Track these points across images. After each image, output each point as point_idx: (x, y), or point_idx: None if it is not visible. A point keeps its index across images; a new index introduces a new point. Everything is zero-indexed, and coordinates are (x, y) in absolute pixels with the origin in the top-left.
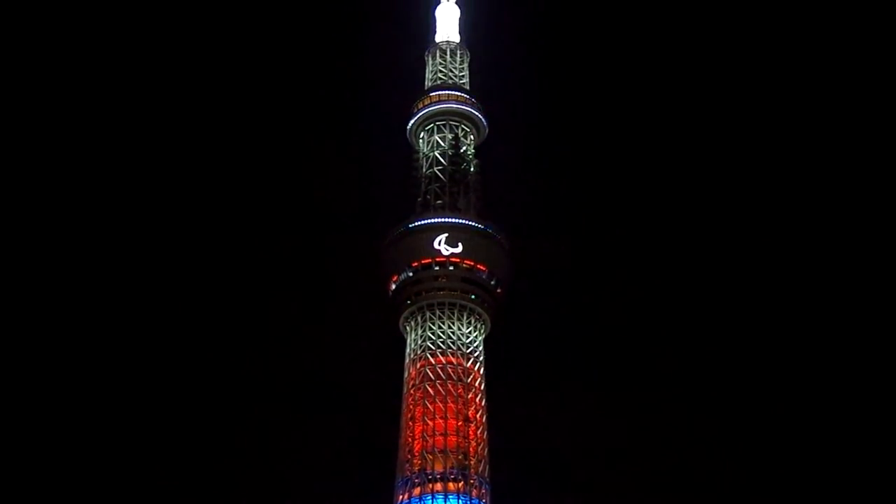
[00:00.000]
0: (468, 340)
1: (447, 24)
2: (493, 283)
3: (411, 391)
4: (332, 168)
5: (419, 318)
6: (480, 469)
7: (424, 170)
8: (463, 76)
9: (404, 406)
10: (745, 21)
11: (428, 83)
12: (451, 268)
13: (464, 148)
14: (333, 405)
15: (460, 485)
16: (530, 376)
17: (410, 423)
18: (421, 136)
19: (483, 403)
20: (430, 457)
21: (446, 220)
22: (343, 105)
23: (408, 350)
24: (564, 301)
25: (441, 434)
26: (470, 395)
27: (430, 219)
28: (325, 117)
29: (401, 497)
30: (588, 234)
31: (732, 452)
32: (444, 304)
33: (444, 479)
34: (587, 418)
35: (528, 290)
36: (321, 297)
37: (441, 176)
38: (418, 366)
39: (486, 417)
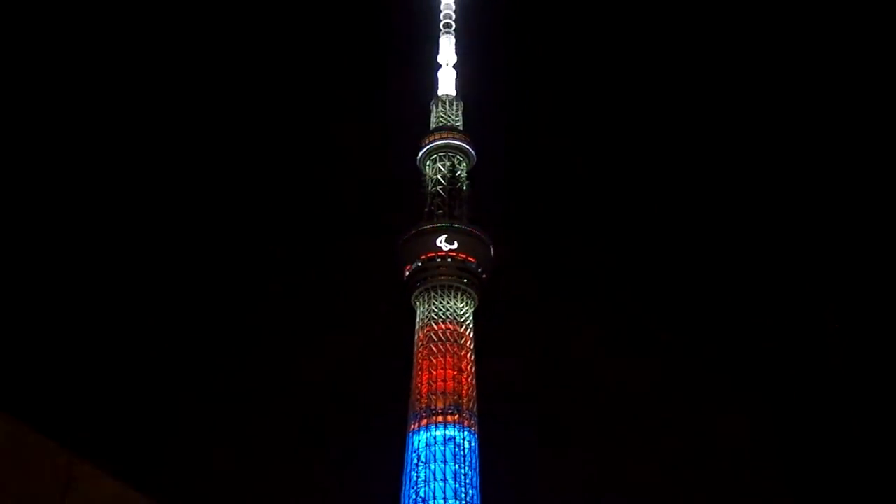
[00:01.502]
0: (461, 312)
1: (447, 82)
2: (479, 270)
3: (420, 350)
4: (364, 188)
5: (426, 297)
6: (471, 406)
7: (429, 188)
8: (458, 120)
9: (415, 361)
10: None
11: (432, 125)
12: (449, 260)
13: (459, 172)
14: (363, 361)
15: (456, 417)
16: (508, 339)
17: (419, 373)
18: (427, 163)
19: (472, 358)
20: (434, 397)
21: (446, 225)
22: (371, 141)
23: (417, 320)
24: (533, 285)
25: (442, 381)
26: (463, 353)
27: (434, 224)
28: (357, 149)
29: (412, 426)
30: (554, 235)
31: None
32: (444, 286)
33: (444, 413)
34: (554, 370)
35: (506, 276)
36: (352, 285)
37: (442, 193)
38: (425, 331)
39: (475, 368)
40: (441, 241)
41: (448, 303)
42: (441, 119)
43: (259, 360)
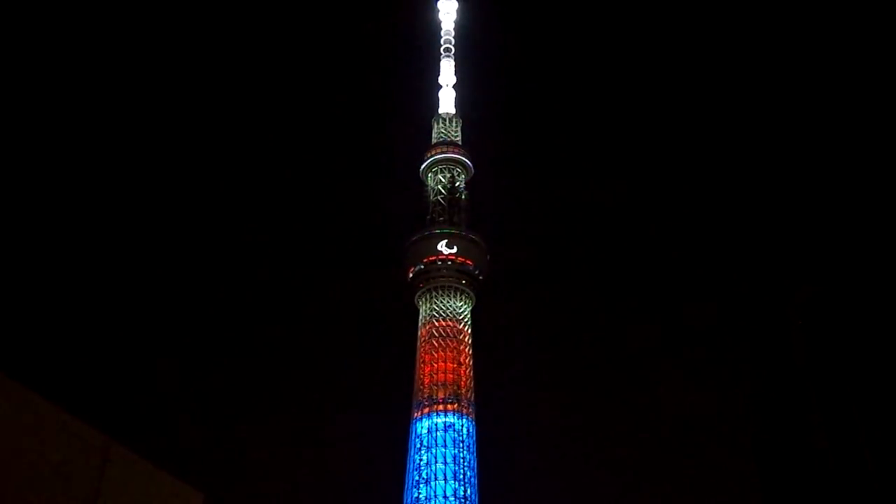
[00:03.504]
0: (460, 311)
1: (447, 101)
2: (476, 272)
3: (422, 344)
4: (373, 198)
5: (428, 296)
6: (469, 395)
7: (431, 198)
8: (457, 135)
9: (418, 355)
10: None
11: (433, 140)
12: (449, 263)
13: (457, 183)
14: (371, 355)
15: (455, 406)
16: (502, 335)
17: (422, 366)
18: (429, 175)
19: (469, 352)
20: (435, 387)
21: (446, 231)
22: (380, 156)
23: (420, 317)
24: (525, 286)
25: (442, 373)
26: (461, 347)
27: (435, 230)
28: (368, 164)
29: (416, 414)
30: (544, 242)
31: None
32: (444, 286)
33: (444, 402)
34: (544, 361)
35: (500, 278)
36: (365, 283)
37: (442, 202)
38: (427, 328)
39: (472, 361)
40: (442, 246)
41: (448, 302)
42: (441, 135)
43: (277, 359)
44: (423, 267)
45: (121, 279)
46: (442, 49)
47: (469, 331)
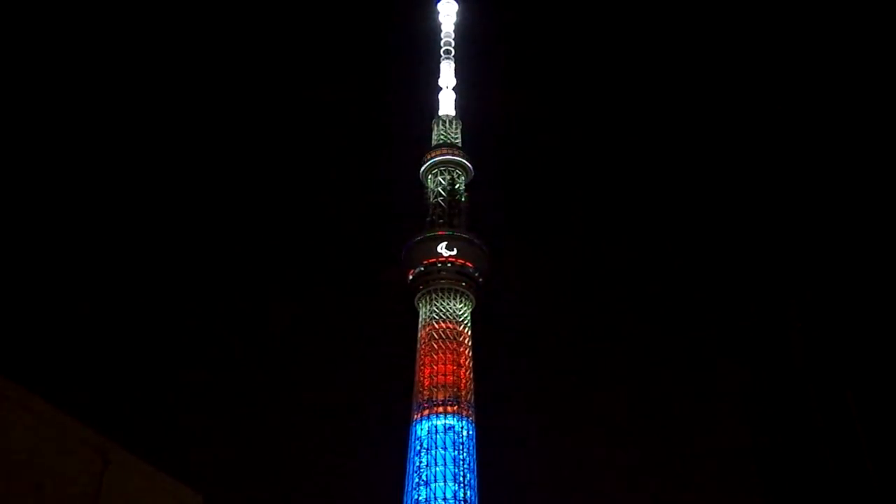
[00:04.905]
0: (460, 313)
1: (447, 103)
2: (476, 274)
3: (422, 346)
4: (373, 200)
5: (428, 298)
6: (468, 397)
7: (431, 200)
8: (457, 137)
9: (418, 357)
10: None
11: (434, 142)
12: (449, 265)
13: (457, 185)
14: (371, 357)
15: (455, 408)
16: (502, 337)
17: (422, 368)
18: (429, 177)
19: (469, 354)
20: (435, 389)
21: (445, 233)
22: (380, 158)
23: (420, 319)
24: (525, 286)
25: (442, 375)
26: (461, 349)
27: (435, 232)
28: (368, 166)
29: (416, 416)
30: (543, 243)
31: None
32: (444, 288)
33: (444, 403)
34: (544, 363)
35: (500, 279)
36: (365, 285)
37: (442, 204)
38: (427, 330)
39: (472, 363)
40: (441, 248)
41: (448, 304)
42: (442, 137)
43: (276, 359)
44: (422, 269)
45: (119, 281)
46: (442, 51)
47: (469, 332)
